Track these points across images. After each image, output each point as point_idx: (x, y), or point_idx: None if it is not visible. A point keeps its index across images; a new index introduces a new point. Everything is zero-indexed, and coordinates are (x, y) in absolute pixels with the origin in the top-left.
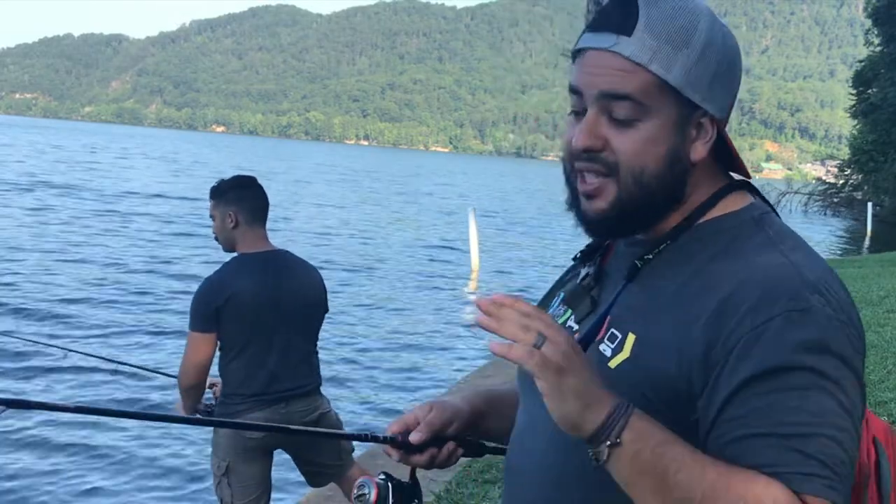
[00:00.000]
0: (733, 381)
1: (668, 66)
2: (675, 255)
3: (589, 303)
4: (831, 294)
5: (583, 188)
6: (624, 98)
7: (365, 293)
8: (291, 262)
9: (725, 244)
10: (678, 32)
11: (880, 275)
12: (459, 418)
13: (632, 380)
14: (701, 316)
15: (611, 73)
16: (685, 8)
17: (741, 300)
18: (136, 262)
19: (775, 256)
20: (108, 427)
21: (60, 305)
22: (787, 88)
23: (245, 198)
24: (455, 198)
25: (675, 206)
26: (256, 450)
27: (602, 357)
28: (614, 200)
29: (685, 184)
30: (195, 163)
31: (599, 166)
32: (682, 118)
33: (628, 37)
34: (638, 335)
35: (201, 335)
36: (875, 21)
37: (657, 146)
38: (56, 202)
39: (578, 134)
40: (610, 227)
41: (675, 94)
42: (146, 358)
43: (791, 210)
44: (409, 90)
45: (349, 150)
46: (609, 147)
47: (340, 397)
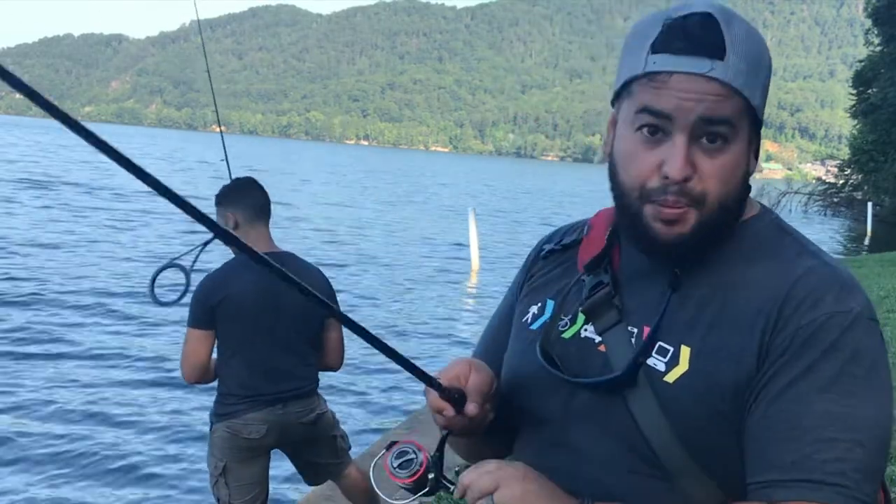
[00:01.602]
0: (770, 380)
1: (754, 90)
2: (711, 262)
3: (615, 313)
4: (864, 296)
5: (667, 214)
6: (722, 123)
7: (365, 293)
8: (294, 263)
9: (759, 249)
10: (756, 55)
11: (880, 275)
12: (495, 381)
13: (697, 392)
14: (751, 320)
15: (709, 99)
16: (752, 28)
17: (788, 302)
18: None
19: (810, 259)
20: (109, 424)
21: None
22: (787, 88)
23: (242, 199)
24: (460, 197)
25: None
26: (254, 449)
27: (654, 372)
28: (696, 226)
29: (746, 199)
30: (201, 163)
31: (686, 198)
32: (752, 137)
33: (721, 61)
34: (693, 347)
35: (198, 332)
36: (875, 21)
37: (739, 169)
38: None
39: (677, 163)
40: (686, 250)
41: (753, 113)
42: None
43: (791, 210)
44: (409, 90)
45: (350, 151)
46: (698, 175)
47: (338, 397)
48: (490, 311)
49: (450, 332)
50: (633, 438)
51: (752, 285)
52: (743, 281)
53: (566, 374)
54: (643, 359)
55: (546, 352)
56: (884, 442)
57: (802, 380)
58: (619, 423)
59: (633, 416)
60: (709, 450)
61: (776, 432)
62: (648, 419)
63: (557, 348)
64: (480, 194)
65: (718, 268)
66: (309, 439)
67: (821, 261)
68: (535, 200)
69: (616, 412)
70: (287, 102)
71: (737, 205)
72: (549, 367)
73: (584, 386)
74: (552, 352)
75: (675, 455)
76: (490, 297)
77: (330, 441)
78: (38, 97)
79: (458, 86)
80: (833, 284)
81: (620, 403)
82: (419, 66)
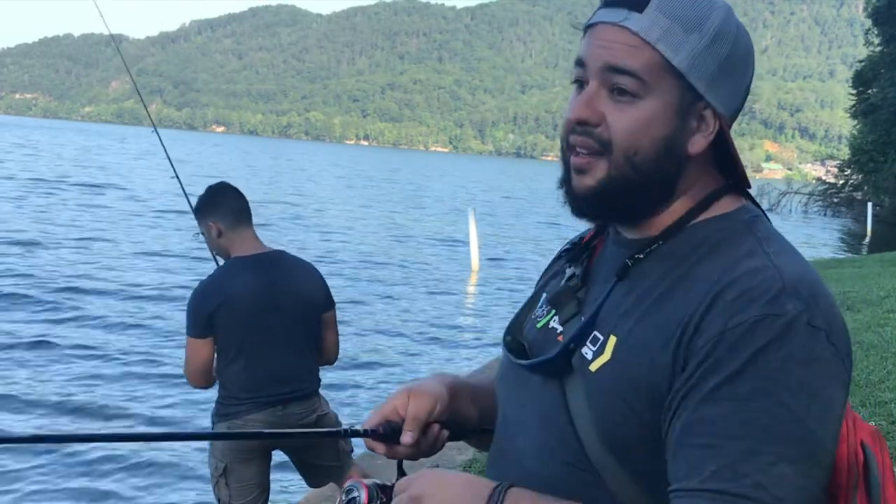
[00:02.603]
0: (693, 385)
1: (676, 48)
2: (664, 256)
3: (575, 304)
4: (811, 299)
5: (574, 161)
6: (627, 73)
7: (363, 293)
8: (287, 261)
9: (713, 247)
10: (691, 16)
11: (880, 275)
12: (441, 402)
13: (612, 383)
14: (679, 317)
15: (617, 47)
16: (708, 0)
17: (716, 302)
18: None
19: (758, 259)
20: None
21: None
22: (787, 88)
23: (219, 205)
24: (460, 197)
25: (666, 199)
26: (254, 450)
27: (584, 360)
28: (603, 178)
29: (678, 177)
30: (210, 163)
31: (593, 142)
32: (683, 105)
33: (639, 13)
34: (619, 337)
35: (198, 340)
36: (875, 21)
37: (654, 128)
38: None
39: (576, 104)
40: (594, 206)
41: (680, 78)
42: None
43: (791, 210)
44: (409, 90)
45: (350, 151)
46: (605, 123)
47: (337, 397)
48: (489, 311)
49: (449, 332)
50: (565, 428)
51: (692, 283)
52: (686, 277)
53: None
54: (575, 346)
55: (518, 340)
56: (814, 457)
57: (727, 385)
58: (554, 412)
59: (567, 406)
60: (627, 448)
61: (697, 438)
62: (578, 410)
63: (530, 338)
64: (480, 194)
65: (670, 261)
66: (310, 442)
67: (770, 262)
68: (535, 201)
69: (553, 401)
70: (287, 102)
71: (651, 169)
72: (508, 353)
73: (527, 369)
74: (525, 341)
75: (596, 448)
76: (490, 297)
77: (331, 443)
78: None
79: (458, 86)
80: (772, 286)
81: (559, 391)
82: (419, 66)
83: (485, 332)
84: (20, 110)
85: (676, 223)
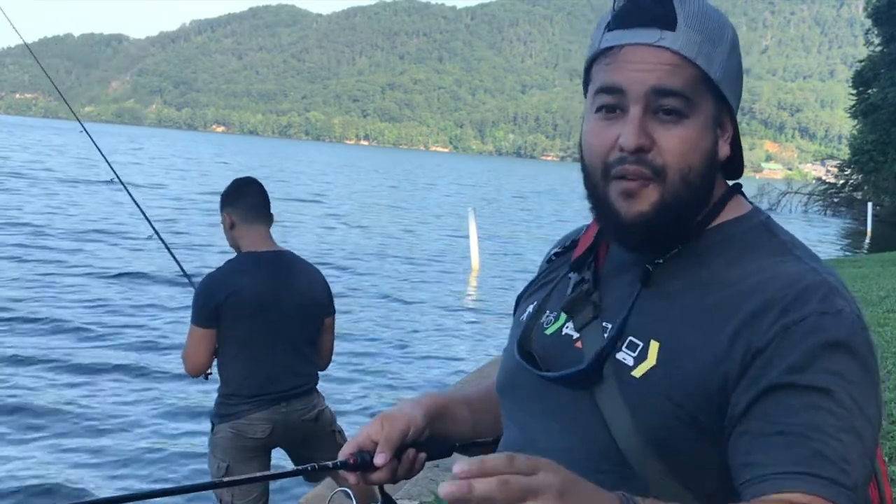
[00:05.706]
0: (762, 381)
1: (710, 62)
2: (687, 259)
3: (591, 309)
4: (852, 298)
5: (626, 187)
6: (674, 94)
7: (363, 293)
8: (293, 262)
9: (741, 249)
10: (713, 28)
11: (880, 275)
12: (414, 425)
13: (662, 388)
14: (731, 320)
15: (661, 69)
16: (710, 6)
17: (772, 303)
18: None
19: (795, 262)
20: (110, 424)
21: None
22: (787, 88)
23: (239, 199)
24: (460, 197)
25: (704, 209)
26: (256, 449)
27: (622, 366)
28: (658, 203)
29: (714, 185)
30: (220, 163)
31: (646, 169)
32: (716, 115)
33: (673, 32)
34: (662, 342)
35: (201, 330)
36: (875, 21)
37: (702, 143)
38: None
39: (630, 133)
40: (648, 231)
41: (715, 90)
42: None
43: (791, 210)
44: (409, 90)
45: (350, 151)
46: (656, 147)
47: (337, 397)
48: (489, 311)
49: (449, 332)
50: (599, 436)
51: (730, 285)
52: (720, 280)
53: (544, 371)
54: (610, 352)
55: (525, 348)
56: (875, 443)
57: (798, 375)
58: (585, 420)
59: (600, 413)
60: (675, 452)
61: (776, 427)
62: (614, 415)
63: (539, 345)
64: (480, 194)
65: (696, 265)
66: (310, 437)
67: (807, 265)
68: (536, 200)
69: (583, 408)
70: (287, 102)
71: (702, 184)
72: (524, 363)
73: (554, 381)
74: (533, 348)
75: (640, 454)
76: (490, 297)
77: (329, 437)
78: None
79: (458, 86)
80: (820, 287)
81: (588, 399)
82: (419, 66)
83: (485, 331)
84: (20, 110)
85: (695, 227)
